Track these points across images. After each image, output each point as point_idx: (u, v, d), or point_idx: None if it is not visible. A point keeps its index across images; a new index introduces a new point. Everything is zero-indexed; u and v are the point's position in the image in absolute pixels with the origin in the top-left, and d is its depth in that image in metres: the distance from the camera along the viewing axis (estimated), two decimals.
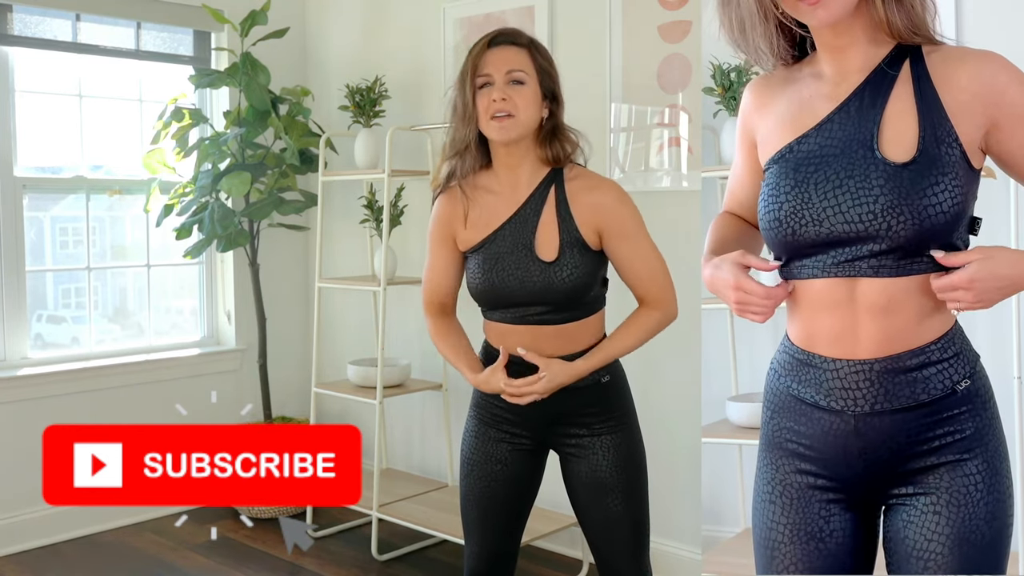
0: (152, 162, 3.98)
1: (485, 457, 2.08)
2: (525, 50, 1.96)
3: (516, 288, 1.95)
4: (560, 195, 1.97)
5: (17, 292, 3.78)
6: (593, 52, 3.39)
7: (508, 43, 1.95)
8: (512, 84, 1.91)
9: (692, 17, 3.15)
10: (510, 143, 1.94)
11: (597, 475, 2.02)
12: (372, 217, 3.82)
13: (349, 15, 4.35)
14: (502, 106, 1.89)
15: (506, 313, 2.00)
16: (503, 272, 1.95)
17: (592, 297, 2.01)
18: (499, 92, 1.90)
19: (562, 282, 1.92)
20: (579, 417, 2.03)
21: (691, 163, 3.19)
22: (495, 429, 2.08)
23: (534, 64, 1.96)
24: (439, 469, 4.07)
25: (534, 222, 1.95)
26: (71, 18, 3.89)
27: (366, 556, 3.64)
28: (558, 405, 2.01)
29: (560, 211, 1.95)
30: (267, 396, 4.22)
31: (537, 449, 2.11)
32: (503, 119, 1.90)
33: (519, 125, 1.91)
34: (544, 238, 1.94)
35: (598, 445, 2.02)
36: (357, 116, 3.84)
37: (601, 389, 2.03)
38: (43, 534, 3.77)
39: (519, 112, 1.91)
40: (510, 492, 2.10)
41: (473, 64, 1.93)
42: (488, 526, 2.11)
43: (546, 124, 1.98)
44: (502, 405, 2.05)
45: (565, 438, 2.05)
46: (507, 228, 1.97)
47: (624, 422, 2.05)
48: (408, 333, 4.14)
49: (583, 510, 2.08)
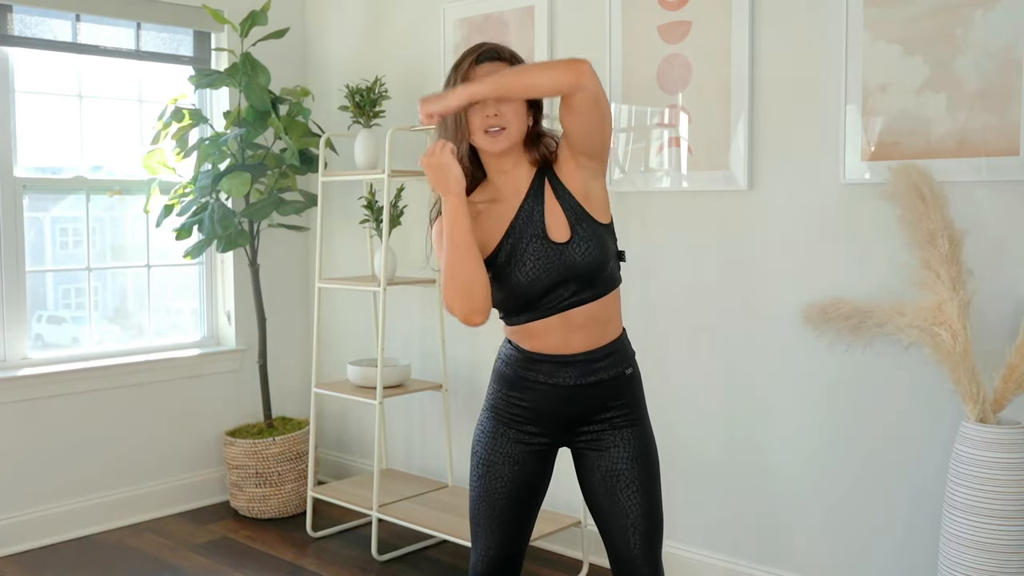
0: (152, 162, 3.98)
1: (503, 458, 2.11)
2: (508, 64, 2.05)
3: (541, 276, 2.00)
4: (554, 180, 2.06)
5: (17, 292, 3.78)
6: (593, 52, 3.39)
7: (493, 59, 2.05)
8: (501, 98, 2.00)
9: (692, 17, 3.15)
10: (502, 153, 2.04)
11: (616, 467, 2.06)
12: (372, 217, 3.82)
13: (349, 15, 4.35)
14: (495, 121, 1.99)
15: (534, 311, 2.04)
16: (525, 267, 2.01)
17: (611, 271, 2.06)
18: (492, 108, 1.99)
19: (582, 257, 1.99)
20: (600, 412, 2.08)
21: (691, 163, 3.19)
22: (513, 430, 2.11)
23: None
24: (439, 469, 4.07)
25: (540, 211, 2.04)
26: (71, 18, 3.89)
27: (366, 556, 3.64)
28: (583, 399, 2.06)
29: (559, 194, 2.04)
30: (267, 396, 4.22)
31: (551, 450, 2.15)
32: (496, 134, 2.00)
33: (510, 136, 2.01)
34: (553, 221, 2.02)
35: (617, 438, 2.08)
36: (357, 116, 3.84)
37: (625, 381, 2.09)
38: (43, 534, 3.77)
39: (510, 125, 2.01)
40: (522, 493, 2.13)
41: (463, 80, 2.01)
42: (499, 527, 2.14)
43: (532, 131, 2.09)
44: (522, 405, 2.09)
45: (583, 434, 2.10)
46: (516, 226, 2.04)
47: (640, 416, 2.12)
48: (408, 333, 4.14)
49: (600, 503, 2.11)
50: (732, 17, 3.05)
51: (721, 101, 3.09)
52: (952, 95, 2.63)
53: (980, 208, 2.60)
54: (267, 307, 4.23)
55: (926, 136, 2.69)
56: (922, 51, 2.68)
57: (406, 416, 4.21)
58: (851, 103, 2.82)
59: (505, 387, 2.12)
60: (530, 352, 2.07)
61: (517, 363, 2.10)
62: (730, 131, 3.08)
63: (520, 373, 2.09)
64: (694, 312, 3.24)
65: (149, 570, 3.53)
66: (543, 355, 2.06)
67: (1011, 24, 2.53)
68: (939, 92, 2.65)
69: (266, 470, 4.03)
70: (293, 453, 4.09)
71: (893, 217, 2.64)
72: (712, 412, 3.22)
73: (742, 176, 3.06)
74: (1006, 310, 2.57)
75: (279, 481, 4.05)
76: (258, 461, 4.02)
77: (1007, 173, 2.55)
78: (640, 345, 3.35)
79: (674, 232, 3.24)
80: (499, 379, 2.14)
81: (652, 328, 3.32)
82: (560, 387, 2.05)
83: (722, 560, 3.22)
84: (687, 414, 3.28)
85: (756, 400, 3.11)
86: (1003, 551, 2.33)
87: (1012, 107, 2.53)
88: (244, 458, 4.03)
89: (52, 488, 3.82)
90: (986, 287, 2.56)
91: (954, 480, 2.43)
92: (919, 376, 2.74)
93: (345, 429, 4.53)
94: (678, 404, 3.29)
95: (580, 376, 2.05)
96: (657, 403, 3.30)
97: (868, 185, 2.80)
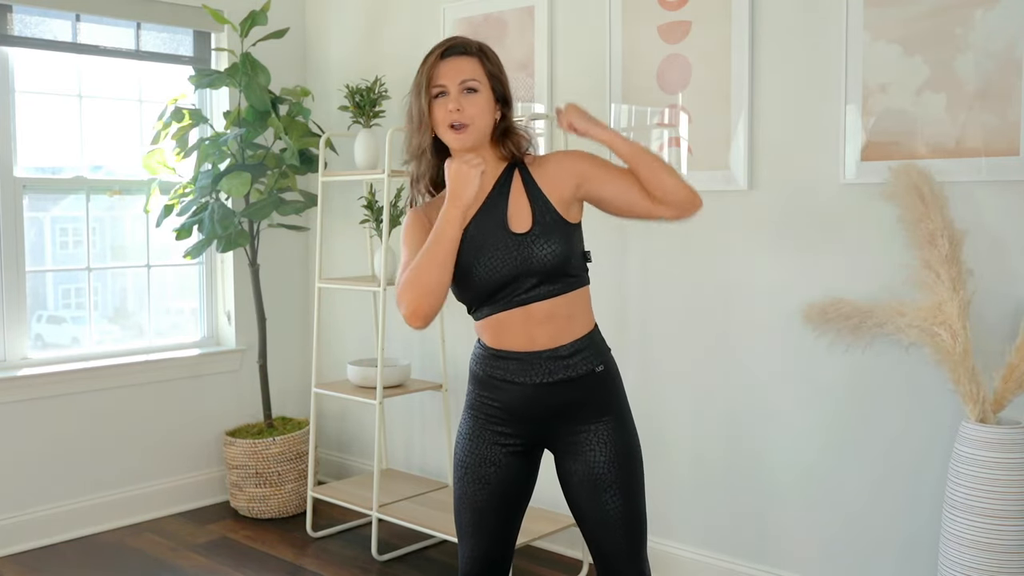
0: (152, 162, 3.98)
1: (479, 460, 2.08)
2: (476, 59, 2.04)
3: (498, 266, 1.98)
4: (526, 176, 2.05)
5: (17, 292, 3.78)
6: (593, 52, 3.39)
7: (459, 53, 2.04)
8: (466, 93, 2.01)
9: (692, 17, 3.15)
10: (468, 149, 2.03)
11: (593, 471, 2.02)
12: (372, 217, 3.82)
13: (349, 15, 4.36)
14: (458, 117, 2.00)
15: (494, 302, 2.02)
16: (483, 256, 1.99)
17: (574, 268, 2.04)
18: (454, 103, 1.99)
19: (541, 249, 1.97)
20: (574, 412, 2.04)
21: (691, 163, 3.19)
22: (489, 431, 2.08)
23: (485, 71, 2.04)
24: (439, 469, 4.07)
25: (504, 203, 2.03)
26: (71, 18, 3.89)
27: (366, 556, 3.64)
28: (553, 398, 2.02)
29: (528, 188, 2.03)
30: (267, 396, 4.22)
31: (530, 450, 2.11)
32: (460, 130, 2.00)
33: (475, 132, 2.01)
34: (516, 213, 2.01)
35: (594, 440, 2.03)
36: (357, 116, 3.84)
37: (596, 380, 2.05)
38: (43, 534, 3.77)
39: (474, 120, 2.01)
40: (504, 495, 2.09)
41: (428, 75, 2.02)
42: (482, 529, 2.11)
43: (499, 125, 2.08)
44: (494, 405, 2.06)
45: (559, 435, 2.06)
46: (479, 218, 2.03)
47: (618, 416, 2.06)
48: (408, 333, 4.14)
49: (580, 508, 2.08)
50: (732, 17, 3.05)
51: (721, 101, 3.09)
52: (952, 95, 2.63)
53: (980, 208, 2.60)
54: (267, 307, 4.23)
55: (926, 136, 2.69)
56: (922, 51, 2.68)
57: (406, 416, 4.21)
58: (851, 103, 2.82)
59: (478, 387, 2.10)
60: (496, 349, 2.05)
61: (485, 362, 2.07)
62: (730, 131, 3.08)
63: (489, 372, 2.06)
64: (693, 312, 3.24)
65: (149, 570, 3.53)
66: (508, 352, 2.03)
67: (1011, 24, 2.53)
68: (939, 92, 2.65)
69: (266, 470, 4.03)
70: (293, 453, 4.09)
71: (893, 217, 2.64)
72: (712, 412, 3.22)
73: (742, 176, 3.06)
74: (1006, 310, 2.57)
75: (279, 481, 4.05)
76: (258, 461, 4.02)
77: (1007, 173, 2.55)
78: (638, 345, 3.37)
79: (674, 232, 3.24)
80: (472, 379, 2.13)
81: (651, 328, 3.32)
82: (528, 386, 2.02)
83: (722, 560, 3.22)
84: (686, 414, 3.27)
85: (756, 400, 3.11)
86: (1003, 551, 2.33)
87: (1012, 107, 2.53)
88: (244, 458, 4.03)
89: (52, 488, 3.82)
90: (986, 287, 2.56)
91: (954, 480, 2.43)
92: (919, 376, 2.74)
93: (345, 429, 4.53)
94: (677, 404, 3.29)
95: (547, 374, 2.01)
96: (656, 403, 3.31)
97: (868, 185, 2.80)
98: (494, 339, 2.05)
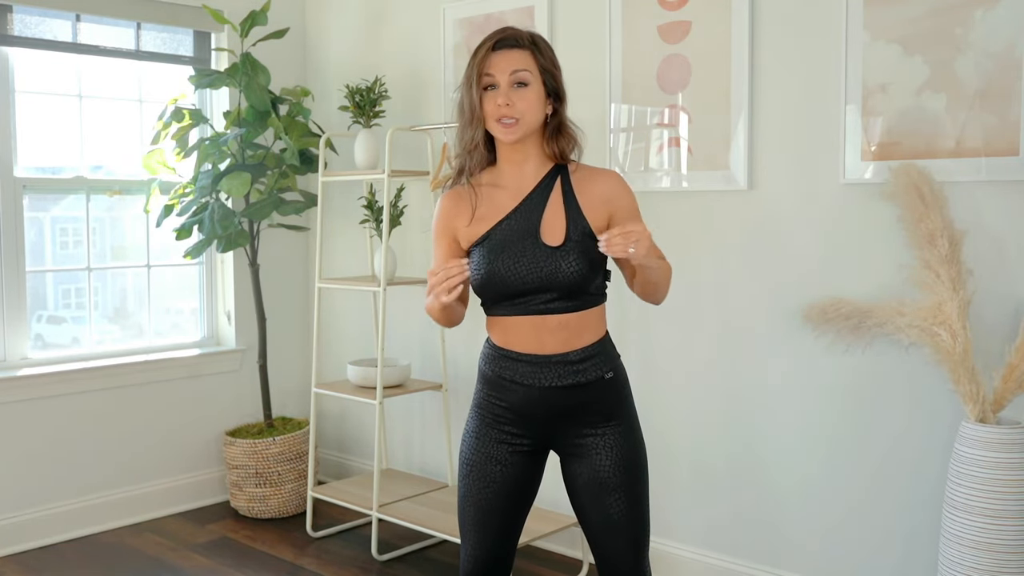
0: (152, 162, 3.98)
1: (485, 458, 2.08)
2: (528, 51, 2.01)
3: (522, 274, 1.97)
4: (566, 186, 2.03)
5: (17, 292, 3.78)
6: (593, 52, 3.39)
7: (511, 46, 2.01)
8: (516, 86, 1.98)
9: (692, 17, 3.15)
10: (515, 143, 2.01)
11: (598, 475, 2.03)
12: (372, 217, 3.82)
13: (349, 15, 4.35)
14: (507, 111, 1.97)
15: (510, 305, 2.01)
16: (508, 259, 1.98)
17: (595, 287, 2.04)
18: (504, 97, 1.97)
19: (568, 266, 1.96)
20: (581, 416, 2.04)
21: (691, 163, 3.19)
22: (496, 430, 2.08)
23: (537, 64, 2.02)
24: (439, 469, 4.07)
25: (540, 209, 2.01)
26: (71, 18, 3.89)
27: (366, 556, 3.64)
28: (561, 402, 2.02)
29: (567, 201, 2.02)
30: (267, 396, 4.22)
31: (537, 451, 2.11)
32: (509, 125, 1.98)
33: (524, 126, 1.99)
34: (550, 225, 2.00)
35: (600, 444, 2.03)
36: (357, 116, 3.84)
37: (605, 386, 2.05)
38: (43, 534, 3.78)
39: (524, 115, 1.98)
40: (509, 494, 2.09)
41: (478, 67, 1.99)
42: (485, 528, 2.11)
43: (551, 121, 2.05)
44: (502, 405, 2.06)
45: (566, 438, 2.06)
46: (513, 217, 2.01)
47: (626, 421, 2.07)
48: (408, 333, 4.14)
49: (584, 510, 2.08)
50: (732, 17, 3.05)
51: (721, 101, 3.09)
52: (952, 95, 2.63)
53: (980, 208, 2.60)
54: (267, 307, 4.23)
55: (926, 136, 2.69)
56: (922, 51, 2.68)
57: (406, 416, 4.21)
58: (851, 103, 2.82)
59: (487, 387, 2.10)
60: (505, 350, 2.05)
61: (495, 362, 2.07)
62: (730, 131, 3.08)
63: (499, 373, 2.06)
64: (694, 312, 3.24)
65: (149, 570, 3.53)
66: (518, 354, 2.02)
67: (1011, 24, 2.53)
68: (939, 92, 2.65)
69: (266, 470, 4.03)
70: (293, 453, 4.09)
71: (893, 217, 2.64)
72: (712, 411, 3.22)
73: (742, 176, 3.06)
74: (1006, 310, 2.57)
75: (279, 481, 4.05)
76: (258, 461, 4.02)
77: (1007, 173, 2.55)
78: (639, 346, 3.37)
79: (674, 232, 3.24)
80: (481, 378, 2.12)
81: (651, 328, 3.32)
82: (536, 388, 2.02)
83: (722, 560, 3.22)
84: (687, 414, 3.27)
85: (756, 400, 3.11)
86: (1003, 551, 2.33)
87: (1012, 107, 2.53)
88: (244, 458, 4.03)
89: (52, 488, 3.82)
90: (986, 287, 2.56)
91: (954, 480, 2.43)
92: (919, 376, 2.74)
93: (345, 429, 4.53)
94: (678, 404, 3.29)
95: (557, 378, 2.01)
96: (657, 404, 3.31)
97: (868, 185, 2.80)
98: (502, 338, 2.05)
